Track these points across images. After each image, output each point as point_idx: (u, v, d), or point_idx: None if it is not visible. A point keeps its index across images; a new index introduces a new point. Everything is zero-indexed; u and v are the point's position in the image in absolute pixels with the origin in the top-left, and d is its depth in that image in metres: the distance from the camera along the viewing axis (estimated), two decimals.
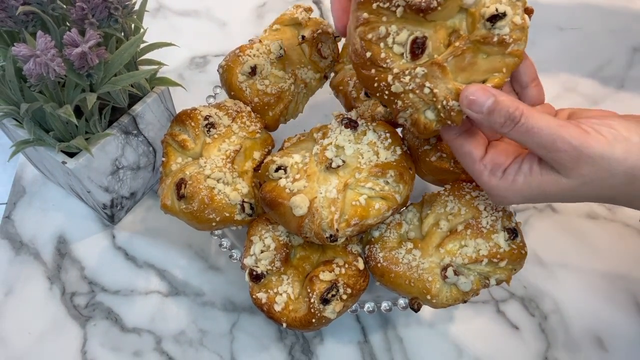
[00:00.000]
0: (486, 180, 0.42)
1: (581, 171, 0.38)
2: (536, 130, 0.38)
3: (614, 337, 0.58)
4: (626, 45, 0.83)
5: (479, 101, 0.39)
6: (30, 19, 0.50)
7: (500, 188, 0.42)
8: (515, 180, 0.41)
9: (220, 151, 0.55)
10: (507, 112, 0.38)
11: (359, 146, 0.49)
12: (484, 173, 0.42)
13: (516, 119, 0.38)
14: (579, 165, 0.38)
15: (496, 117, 0.39)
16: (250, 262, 0.52)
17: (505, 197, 0.42)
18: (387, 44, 0.41)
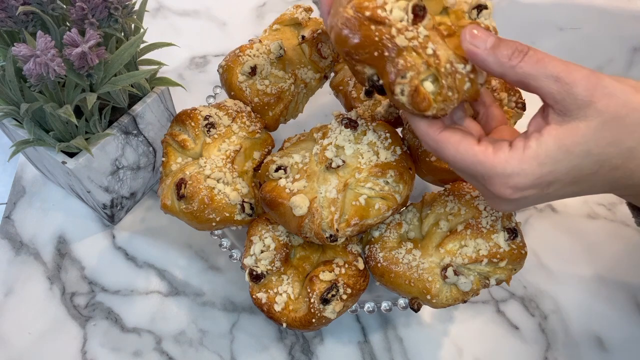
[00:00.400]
0: (491, 159, 0.35)
1: (599, 105, 0.33)
2: (548, 61, 0.33)
3: (614, 337, 0.58)
4: (626, 45, 0.83)
5: (481, 36, 0.35)
6: (30, 19, 0.50)
7: (512, 161, 0.34)
8: (527, 146, 0.34)
9: (220, 151, 0.55)
10: (513, 45, 0.34)
11: (359, 146, 0.49)
12: (487, 151, 0.35)
13: (525, 49, 0.34)
14: (595, 98, 0.33)
15: (503, 50, 0.34)
16: (250, 262, 0.52)
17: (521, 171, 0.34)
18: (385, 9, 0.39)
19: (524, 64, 0.34)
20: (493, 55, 0.35)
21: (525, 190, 0.36)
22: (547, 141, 0.34)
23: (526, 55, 0.34)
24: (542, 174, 0.35)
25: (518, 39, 0.83)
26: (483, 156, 0.35)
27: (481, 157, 0.35)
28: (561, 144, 0.34)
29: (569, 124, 0.34)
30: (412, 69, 0.38)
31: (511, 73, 0.35)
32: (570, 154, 0.34)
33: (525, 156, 0.34)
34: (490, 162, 0.35)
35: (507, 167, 0.35)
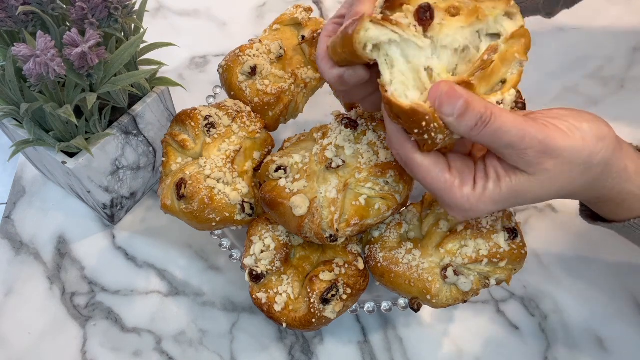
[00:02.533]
0: (457, 193, 0.40)
1: (546, 166, 0.38)
2: (505, 130, 0.37)
3: (614, 337, 0.58)
4: (626, 45, 0.83)
5: (451, 102, 0.36)
6: (30, 19, 0.50)
7: (472, 199, 0.40)
8: (486, 188, 0.40)
9: (220, 151, 0.55)
10: (478, 113, 0.36)
11: (359, 146, 0.49)
12: (454, 185, 0.40)
13: (487, 119, 0.37)
14: (543, 160, 0.38)
15: (467, 120, 0.37)
16: (250, 262, 0.52)
17: (477, 208, 0.40)
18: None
19: (483, 135, 0.37)
20: (457, 123, 0.37)
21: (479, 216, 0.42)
22: (503, 188, 0.40)
23: (486, 126, 0.37)
24: (494, 209, 0.41)
25: None
26: (450, 188, 0.40)
27: (448, 188, 0.40)
28: (513, 191, 0.40)
29: (522, 177, 0.39)
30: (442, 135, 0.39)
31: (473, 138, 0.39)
32: (520, 199, 0.41)
33: (483, 196, 0.40)
34: (455, 195, 0.40)
35: (465, 203, 0.40)
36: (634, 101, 0.77)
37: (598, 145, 0.39)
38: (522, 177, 0.39)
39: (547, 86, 0.78)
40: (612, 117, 0.75)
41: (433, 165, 0.40)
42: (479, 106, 0.37)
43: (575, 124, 0.39)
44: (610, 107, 0.76)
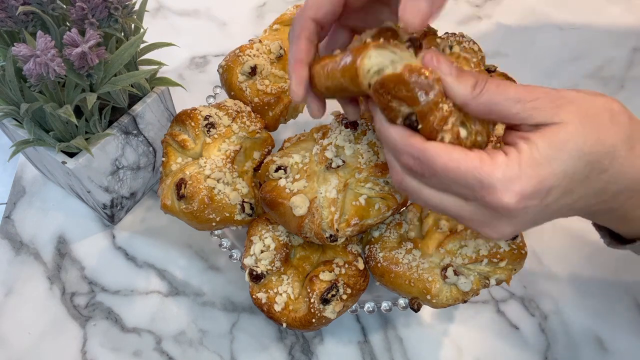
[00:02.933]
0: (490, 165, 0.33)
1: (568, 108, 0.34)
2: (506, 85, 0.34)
3: (614, 337, 0.58)
4: (626, 45, 0.83)
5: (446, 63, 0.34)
6: (30, 19, 0.50)
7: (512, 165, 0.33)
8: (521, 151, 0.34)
9: (220, 151, 0.55)
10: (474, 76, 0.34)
11: (359, 146, 0.49)
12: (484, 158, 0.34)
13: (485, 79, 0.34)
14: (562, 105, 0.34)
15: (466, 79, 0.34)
16: (250, 262, 0.52)
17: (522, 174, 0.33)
18: None
19: (486, 93, 0.34)
20: (457, 85, 0.34)
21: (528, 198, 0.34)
22: (537, 143, 0.34)
23: (486, 83, 0.34)
24: (541, 176, 0.34)
25: (518, 39, 0.83)
26: (480, 162, 0.33)
27: (477, 164, 0.33)
28: (551, 143, 0.34)
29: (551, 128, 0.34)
30: (453, 114, 0.35)
31: (474, 103, 0.34)
32: (563, 152, 0.34)
33: (522, 159, 0.33)
34: (488, 168, 0.33)
35: (507, 170, 0.33)
36: (634, 101, 0.77)
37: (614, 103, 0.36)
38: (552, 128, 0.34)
39: (547, 86, 0.78)
40: None
41: (450, 149, 0.34)
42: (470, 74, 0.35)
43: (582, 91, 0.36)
44: None
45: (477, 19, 0.86)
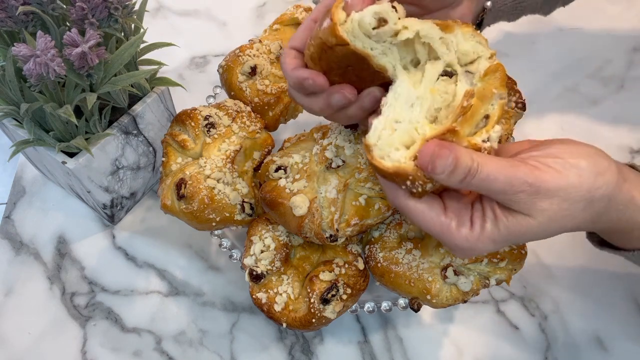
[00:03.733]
0: (455, 234, 0.40)
1: (542, 206, 0.38)
2: (492, 178, 0.37)
3: (614, 337, 0.58)
4: (626, 45, 0.83)
5: (441, 163, 0.37)
6: (30, 19, 0.50)
7: (471, 239, 0.40)
8: (484, 228, 0.40)
9: (220, 151, 0.55)
10: (466, 166, 0.37)
11: (359, 146, 0.49)
12: (451, 226, 0.40)
13: (474, 170, 0.37)
14: (538, 202, 0.38)
15: (457, 176, 0.37)
16: (250, 262, 0.52)
17: (476, 247, 0.40)
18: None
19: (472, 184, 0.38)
20: (447, 180, 0.38)
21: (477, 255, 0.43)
22: (501, 228, 0.39)
23: (474, 178, 0.37)
24: (494, 249, 0.41)
25: (518, 39, 0.83)
26: (447, 230, 0.40)
27: (446, 230, 0.40)
28: (511, 232, 0.39)
29: (519, 218, 0.39)
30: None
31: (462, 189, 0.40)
32: (519, 238, 0.40)
33: (481, 237, 0.40)
34: (453, 236, 0.40)
35: (464, 243, 0.40)
36: (634, 101, 0.77)
37: (597, 180, 0.38)
38: (519, 218, 0.39)
39: (547, 86, 0.78)
40: (612, 117, 0.75)
41: (428, 210, 0.40)
42: (466, 159, 0.37)
43: (571, 161, 0.38)
44: (610, 107, 0.76)
45: None
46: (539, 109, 0.75)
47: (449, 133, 0.38)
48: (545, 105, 0.76)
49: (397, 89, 0.39)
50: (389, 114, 0.39)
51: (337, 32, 0.37)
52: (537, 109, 0.74)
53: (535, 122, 0.73)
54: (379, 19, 0.37)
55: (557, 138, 0.43)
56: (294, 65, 0.43)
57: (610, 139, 0.73)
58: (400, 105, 0.39)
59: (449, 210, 0.40)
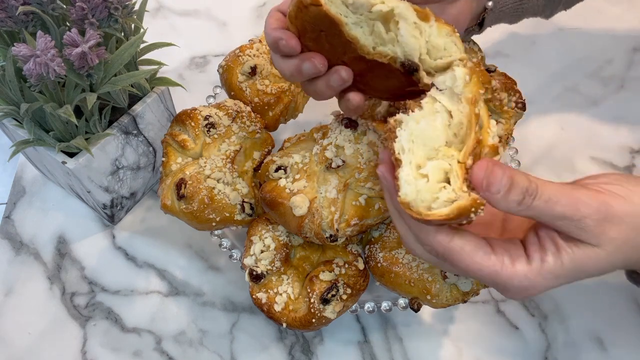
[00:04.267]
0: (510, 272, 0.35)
1: (610, 234, 0.35)
2: (555, 200, 0.34)
3: (614, 337, 0.58)
4: (626, 45, 0.83)
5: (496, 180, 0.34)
6: (30, 19, 0.50)
7: (531, 276, 0.35)
8: (544, 261, 0.35)
9: (220, 151, 0.55)
10: (523, 187, 0.34)
11: (359, 146, 0.49)
12: (505, 264, 0.35)
13: (534, 192, 0.34)
14: (606, 229, 0.34)
15: (513, 195, 0.34)
16: (250, 262, 0.52)
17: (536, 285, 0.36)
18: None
19: (532, 209, 0.35)
20: (504, 200, 0.34)
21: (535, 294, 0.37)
22: (564, 260, 0.36)
23: (534, 199, 0.34)
24: (555, 285, 0.37)
25: (518, 39, 0.83)
26: (501, 269, 0.36)
27: (499, 269, 0.36)
28: (578, 266, 0.36)
29: (586, 249, 0.35)
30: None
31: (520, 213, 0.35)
32: (585, 273, 0.36)
33: (543, 271, 0.36)
34: (509, 275, 0.36)
35: (524, 281, 0.36)
36: (634, 101, 0.77)
37: None
38: (586, 249, 0.35)
39: (547, 86, 0.78)
40: (612, 117, 0.75)
41: (474, 250, 0.36)
42: (522, 180, 0.34)
43: (632, 188, 0.36)
44: (610, 107, 0.76)
45: None
46: (539, 109, 0.75)
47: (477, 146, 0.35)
48: (545, 105, 0.76)
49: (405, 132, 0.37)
50: (410, 161, 0.36)
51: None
52: (537, 109, 0.74)
53: (536, 122, 0.73)
54: None
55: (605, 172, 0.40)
56: (274, 25, 0.41)
57: (610, 139, 0.73)
58: (417, 147, 0.36)
59: (496, 247, 0.36)
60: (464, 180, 0.34)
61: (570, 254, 0.35)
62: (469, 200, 0.34)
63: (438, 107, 0.37)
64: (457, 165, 0.35)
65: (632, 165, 0.71)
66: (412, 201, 0.35)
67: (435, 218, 0.34)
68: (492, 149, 0.36)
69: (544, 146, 0.72)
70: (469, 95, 0.37)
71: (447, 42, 0.38)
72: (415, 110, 0.37)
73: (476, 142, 0.35)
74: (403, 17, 0.37)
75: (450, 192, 0.34)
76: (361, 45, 0.38)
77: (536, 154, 0.71)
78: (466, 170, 0.35)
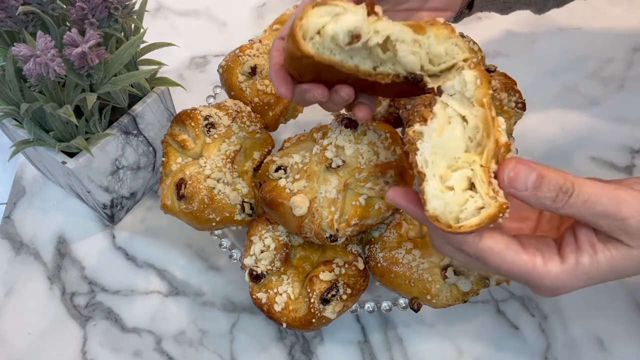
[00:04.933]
0: (542, 272, 0.35)
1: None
2: (595, 199, 0.33)
3: (614, 337, 0.58)
4: (626, 45, 0.83)
5: (521, 178, 0.34)
6: (30, 19, 0.50)
7: (563, 276, 0.35)
8: (579, 262, 0.35)
9: (220, 151, 0.55)
10: (556, 184, 0.34)
11: (359, 146, 0.49)
12: (537, 264, 0.35)
13: (569, 190, 0.34)
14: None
15: (545, 192, 0.34)
16: (250, 262, 0.52)
17: (568, 285, 0.36)
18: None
19: (568, 206, 0.34)
20: (535, 197, 0.34)
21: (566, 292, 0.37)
22: (600, 262, 0.35)
23: (571, 197, 0.34)
24: (587, 285, 0.36)
25: (518, 38, 0.83)
26: (533, 268, 0.35)
27: (531, 269, 0.35)
28: (614, 267, 0.35)
29: (623, 250, 0.35)
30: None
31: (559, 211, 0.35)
32: (619, 273, 0.36)
33: (576, 271, 0.35)
34: (540, 275, 0.35)
35: (556, 281, 0.35)
36: (634, 101, 0.77)
37: None
38: (623, 250, 0.35)
39: (547, 86, 0.78)
40: (612, 117, 0.75)
41: (505, 250, 0.36)
42: (555, 177, 0.34)
43: None
44: (610, 107, 0.76)
45: (477, 19, 0.85)
46: (539, 109, 0.75)
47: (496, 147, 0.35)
48: (545, 105, 0.76)
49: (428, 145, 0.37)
50: (434, 173, 0.36)
51: (301, 48, 0.36)
52: (537, 109, 0.74)
53: (536, 122, 0.73)
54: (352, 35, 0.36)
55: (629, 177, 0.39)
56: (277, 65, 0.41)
57: (610, 139, 0.73)
58: (439, 158, 0.36)
59: (528, 246, 0.36)
60: (489, 183, 0.34)
61: (607, 255, 0.35)
62: (496, 206, 0.34)
63: (450, 112, 0.37)
64: (480, 170, 0.35)
65: (632, 165, 0.71)
66: (440, 214, 0.35)
67: (466, 230, 0.34)
68: (505, 147, 0.36)
69: (544, 146, 0.72)
70: (482, 98, 0.36)
71: (447, 46, 0.38)
72: (429, 118, 0.37)
73: (495, 143, 0.35)
74: (400, 40, 0.37)
75: (477, 200, 0.34)
76: (361, 71, 0.38)
77: (536, 154, 0.71)
78: (490, 174, 0.35)
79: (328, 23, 0.36)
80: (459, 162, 0.36)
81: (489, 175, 0.35)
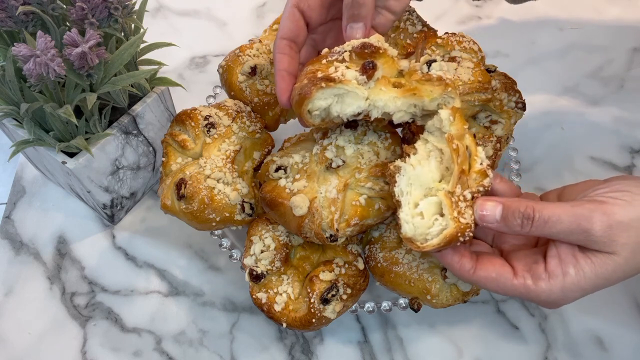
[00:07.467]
0: (534, 289, 0.39)
1: (621, 241, 0.36)
2: (555, 219, 0.37)
3: (614, 337, 0.58)
4: (626, 45, 0.83)
5: (489, 214, 0.39)
6: (30, 19, 0.50)
7: (554, 290, 0.38)
8: (566, 275, 0.38)
9: (220, 151, 0.55)
10: (519, 212, 0.38)
11: (359, 146, 0.49)
12: (528, 286, 0.39)
13: (530, 215, 0.38)
14: (615, 236, 0.36)
15: (512, 220, 0.38)
16: (250, 262, 0.52)
17: (563, 297, 0.39)
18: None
19: (534, 229, 0.38)
20: (505, 227, 0.38)
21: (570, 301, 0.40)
22: (586, 271, 0.38)
23: (534, 221, 0.37)
24: (582, 295, 0.39)
25: (518, 38, 0.83)
26: (524, 290, 0.39)
27: (524, 291, 0.39)
28: (599, 274, 0.38)
29: (602, 257, 0.37)
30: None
31: (532, 235, 0.39)
32: (608, 280, 0.38)
33: (566, 283, 0.38)
34: (535, 293, 0.39)
35: (551, 295, 0.39)
36: (634, 101, 0.77)
37: None
38: (603, 257, 0.37)
39: (547, 86, 0.78)
40: (612, 117, 0.75)
41: (497, 279, 0.40)
42: (517, 205, 0.38)
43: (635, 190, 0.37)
44: (610, 107, 0.76)
45: (477, 19, 0.86)
46: (539, 109, 0.75)
47: (462, 175, 0.40)
48: (545, 105, 0.76)
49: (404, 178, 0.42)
50: (409, 202, 0.41)
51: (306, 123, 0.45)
52: (537, 109, 0.74)
53: (536, 122, 0.73)
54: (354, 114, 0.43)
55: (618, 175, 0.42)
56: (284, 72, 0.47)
57: (610, 139, 0.73)
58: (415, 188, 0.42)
59: (517, 268, 0.40)
60: (455, 206, 0.39)
61: (589, 264, 0.38)
62: (454, 227, 0.39)
63: (430, 147, 0.43)
64: (443, 195, 0.40)
65: (632, 165, 0.71)
66: (412, 237, 0.41)
67: (429, 249, 0.40)
68: (480, 173, 0.41)
69: (544, 146, 0.72)
70: (454, 132, 0.42)
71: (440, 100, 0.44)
72: (411, 154, 0.43)
73: (460, 172, 0.40)
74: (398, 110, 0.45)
75: (441, 223, 0.40)
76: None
77: (536, 154, 0.71)
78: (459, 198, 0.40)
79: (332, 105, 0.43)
80: (432, 191, 0.41)
81: (452, 200, 0.40)
